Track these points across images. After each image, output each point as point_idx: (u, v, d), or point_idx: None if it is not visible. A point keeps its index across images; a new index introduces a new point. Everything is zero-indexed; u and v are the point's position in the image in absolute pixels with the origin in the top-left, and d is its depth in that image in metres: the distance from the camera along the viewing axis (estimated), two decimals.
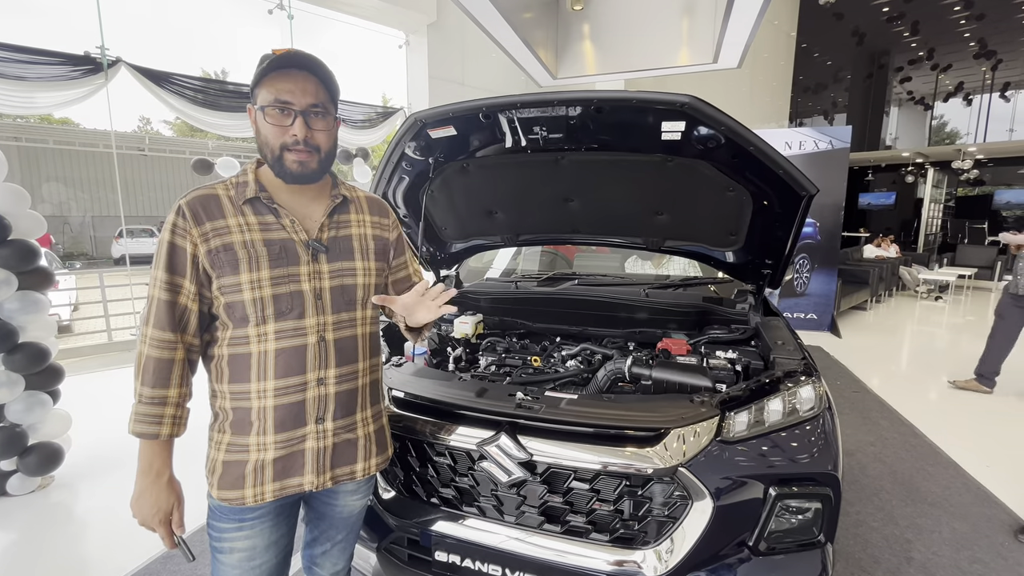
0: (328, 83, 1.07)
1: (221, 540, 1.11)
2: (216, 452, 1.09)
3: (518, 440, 1.32)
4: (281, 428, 1.07)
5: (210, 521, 1.13)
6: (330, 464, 1.13)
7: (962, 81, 19.09)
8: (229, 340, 1.06)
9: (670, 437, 1.29)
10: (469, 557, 1.41)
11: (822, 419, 1.40)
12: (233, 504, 1.07)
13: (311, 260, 1.10)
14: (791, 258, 1.93)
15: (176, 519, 1.08)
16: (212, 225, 1.03)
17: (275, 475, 1.08)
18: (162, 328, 1.02)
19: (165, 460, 1.06)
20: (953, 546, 2.29)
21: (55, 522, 2.50)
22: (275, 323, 1.05)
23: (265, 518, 1.12)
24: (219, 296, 1.05)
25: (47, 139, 16.12)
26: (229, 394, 1.07)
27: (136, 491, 1.05)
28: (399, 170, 1.97)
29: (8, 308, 2.54)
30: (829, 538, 1.33)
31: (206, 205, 1.04)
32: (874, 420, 3.72)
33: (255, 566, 1.13)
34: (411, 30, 7.49)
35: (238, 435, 1.07)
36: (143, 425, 1.02)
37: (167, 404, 1.03)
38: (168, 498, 1.06)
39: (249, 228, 1.05)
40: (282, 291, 1.06)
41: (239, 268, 1.03)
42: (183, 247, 1.02)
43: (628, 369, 1.66)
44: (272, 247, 1.06)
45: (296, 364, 1.07)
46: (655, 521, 1.32)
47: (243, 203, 1.07)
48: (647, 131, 1.60)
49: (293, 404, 1.07)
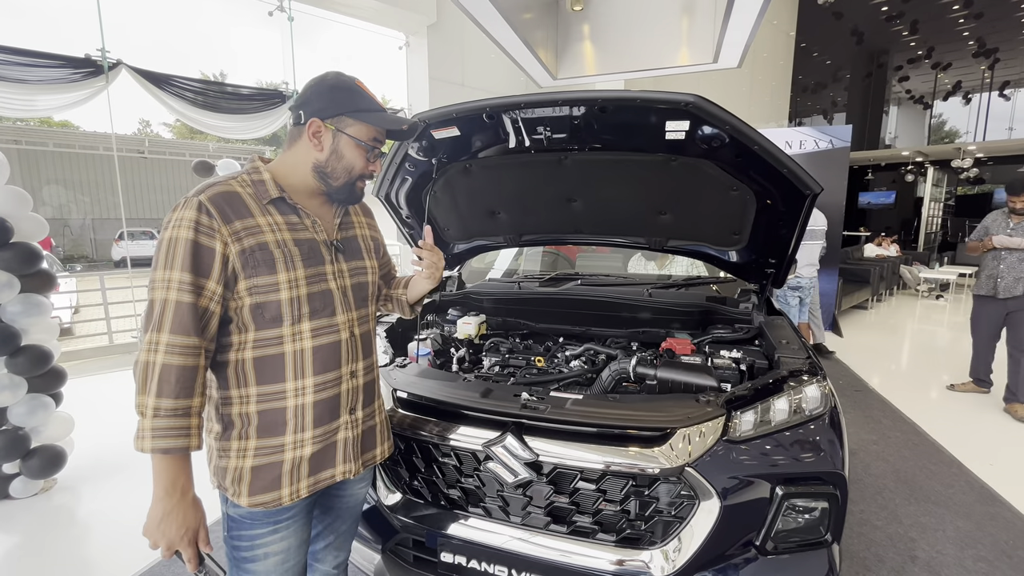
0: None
1: (254, 548, 1.09)
2: (239, 460, 1.05)
3: (524, 441, 1.32)
4: (319, 423, 1.09)
5: (235, 532, 1.10)
6: (360, 451, 1.19)
7: (960, 80, 19.10)
8: (254, 343, 1.04)
9: (676, 437, 1.29)
10: (475, 558, 1.41)
11: (828, 418, 1.41)
12: (269, 507, 1.06)
13: (334, 260, 1.14)
14: (794, 257, 1.93)
15: (203, 537, 1.02)
16: (243, 224, 1.01)
17: (311, 470, 1.10)
18: (186, 333, 0.95)
19: (189, 476, 1.00)
20: (957, 544, 2.29)
21: (58, 525, 2.49)
22: (310, 321, 1.08)
23: (299, 516, 1.13)
24: (245, 297, 1.02)
25: (47, 142, 16.11)
26: (256, 397, 1.05)
27: (158, 513, 0.97)
28: (402, 171, 1.97)
29: (11, 311, 2.54)
30: (836, 537, 1.33)
31: (231, 202, 1.01)
32: (876, 419, 3.72)
33: (289, 568, 1.13)
34: (411, 31, 7.49)
35: (267, 437, 1.05)
36: (167, 440, 0.94)
37: (191, 415, 0.97)
38: (196, 516, 1.01)
39: (279, 228, 1.05)
40: (315, 290, 1.09)
41: (276, 268, 1.02)
42: (211, 247, 0.97)
43: (633, 369, 1.65)
44: (302, 247, 1.08)
45: (332, 360, 1.11)
46: (662, 521, 1.32)
47: (267, 203, 1.06)
48: (651, 131, 1.60)
49: (331, 398, 1.11)
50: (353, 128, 1.09)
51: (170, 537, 0.98)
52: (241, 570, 1.11)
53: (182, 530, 0.98)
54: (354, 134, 1.09)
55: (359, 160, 1.12)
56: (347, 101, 1.09)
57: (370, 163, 1.15)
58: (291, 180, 1.11)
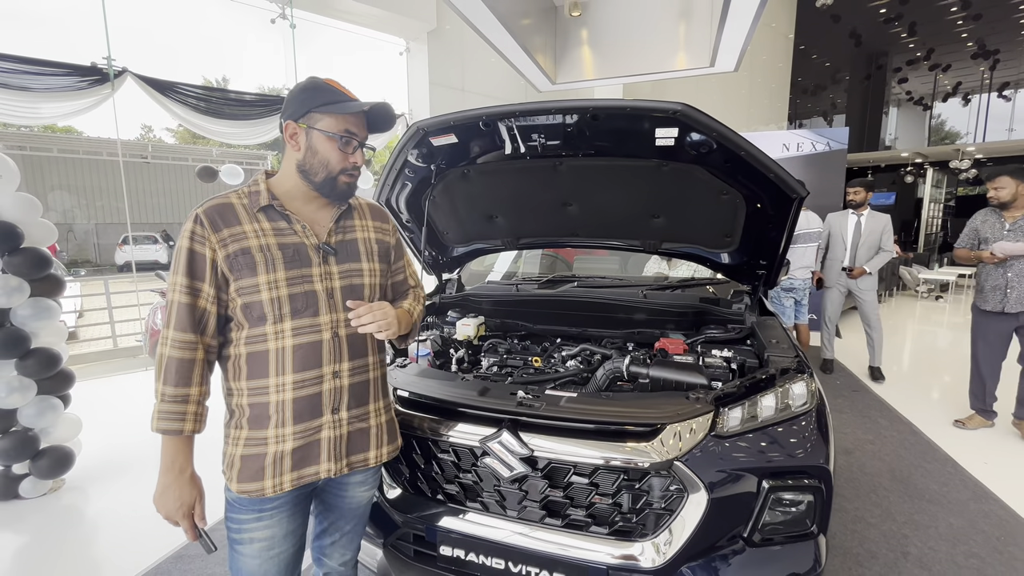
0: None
1: (241, 531, 1.16)
2: (234, 448, 1.15)
3: (519, 436, 1.37)
4: (299, 419, 1.14)
5: (229, 514, 1.18)
6: (345, 452, 1.21)
7: (960, 81, 19.14)
8: (246, 339, 1.13)
9: (666, 432, 1.33)
10: (473, 551, 1.46)
11: (814, 414, 1.45)
12: (253, 496, 1.13)
13: (322, 262, 1.18)
14: (784, 258, 1.98)
15: (198, 512, 1.14)
16: (229, 231, 1.10)
17: (293, 465, 1.14)
18: (183, 330, 1.09)
19: (187, 456, 1.12)
20: (950, 541, 2.33)
21: (67, 524, 2.54)
22: (292, 321, 1.13)
23: (283, 508, 1.18)
24: (236, 298, 1.11)
25: (51, 148, 16.26)
26: (247, 390, 1.13)
27: (159, 487, 1.11)
28: (402, 177, 2.03)
29: (21, 315, 2.60)
30: (822, 529, 1.37)
31: (222, 213, 1.12)
32: (873, 419, 3.75)
33: (273, 555, 1.18)
34: (411, 37, 7.57)
35: (256, 429, 1.13)
36: (166, 422, 1.07)
37: (189, 402, 1.09)
38: (191, 492, 1.12)
39: (264, 233, 1.13)
40: (297, 291, 1.14)
41: (256, 270, 1.10)
42: (202, 252, 1.09)
43: (626, 368, 1.70)
44: (286, 250, 1.14)
45: (313, 358, 1.15)
46: (653, 514, 1.37)
47: (257, 210, 1.14)
48: (642, 137, 1.66)
49: (311, 396, 1.15)
50: (322, 122, 1.14)
51: (167, 509, 1.11)
52: (232, 550, 1.19)
53: (178, 503, 1.11)
54: (324, 128, 1.14)
55: (333, 153, 1.15)
56: (314, 98, 1.14)
57: (348, 156, 1.17)
58: (286, 186, 1.19)
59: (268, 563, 1.18)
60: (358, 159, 1.19)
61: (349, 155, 1.17)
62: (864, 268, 4.49)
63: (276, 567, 1.20)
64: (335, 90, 1.16)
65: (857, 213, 4.55)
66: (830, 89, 20.25)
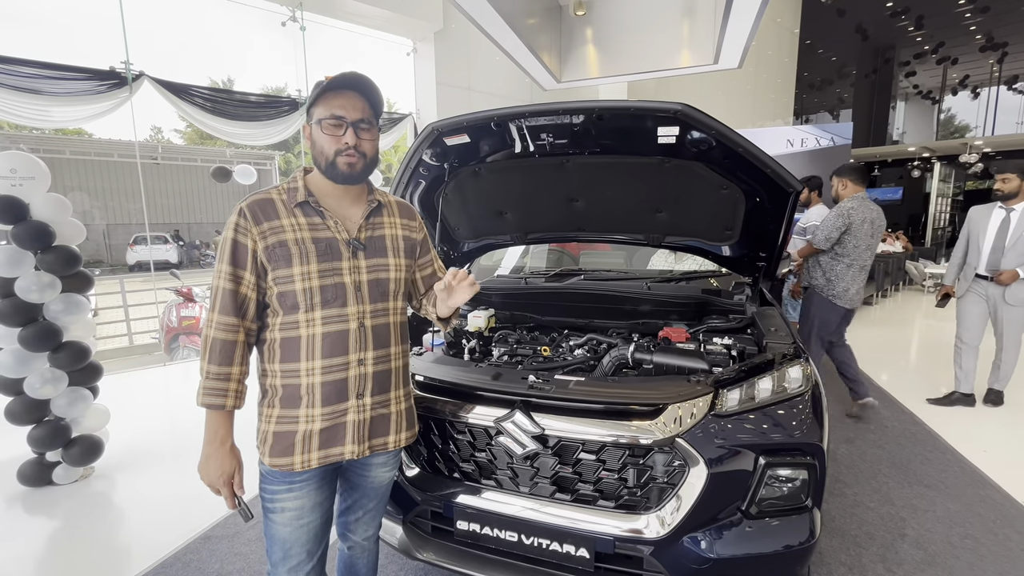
0: (373, 101, 1.26)
1: (273, 501, 1.27)
2: (267, 424, 1.25)
3: (531, 416, 1.47)
4: (327, 402, 1.24)
5: (262, 485, 1.29)
6: (368, 435, 1.30)
7: (968, 74, 18.99)
8: (280, 325, 1.23)
9: (668, 411, 1.43)
10: (488, 525, 1.56)
11: (809, 396, 1.54)
12: (283, 470, 1.24)
13: (351, 256, 1.27)
14: (784, 250, 2.06)
15: (237, 481, 1.25)
16: (269, 225, 1.21)
17: (320, 444, 1.24)
18: (226, 313, 1.19)
19: (228, 429, 1.23)
20: (946, 524, 2.40)
21: (97, 508, 2.67)
22: (322, 310, 1.22)
23: (311, 482, 1.28)
24: (273, 286, 1.21)
25: (64, 149, 16.51)
26: (280, 372, 1.24)
27: (203, 457, 1.22)
28: (416, 175, 2.13)
29: (53, 310, 2.73)
30: (816, 503, 1.46)
31: (263, 207, 1.22)
32: (876, 409, 3.81)
33: (303, 524, 1.29)
34: (418, 38, 7.67)
35: (288, 408, 1.23)
36: (210, 397, 1.18)
37: (231, 379, 1.20)
38: (231, 462, 1.23)
39: (300, 228, 1.23)
40: (328, 282, 1.23)
41: (291, 262, 1.20)
42: (244, 243, 1.19)
43: (631, 355, 1.79)
44: (319, 244, 1.23)
45: (340, 346, 1.24)
46: (656, 488, 1.46)
47: (294, 206, 1.24)
48: (645, 136, 1.75)
49: (337, 381, 1.24)
50: (315, 115, 1.22)
51: (210, 477, 1.22)
52: (266, 518, 1.30)
53: (219, 471, 1.22)
54: (316, 117, 1.22)
55: (324, 138, 1.21)
56: (312, 96, 1.23)
57: (339, 137, 1.20)
58: (318, 184, 1.29)
59: (298, 531, 1.28)
60: (349, 139, 1.20)
61: (340, 136, 1.20)
62: (1017, 271, 3.55)
63: (305, 535, 1.30)
64: (325, 82, 1.22)
65: (1007, 207, 3.66)
66: (836, 84, 20.17)
